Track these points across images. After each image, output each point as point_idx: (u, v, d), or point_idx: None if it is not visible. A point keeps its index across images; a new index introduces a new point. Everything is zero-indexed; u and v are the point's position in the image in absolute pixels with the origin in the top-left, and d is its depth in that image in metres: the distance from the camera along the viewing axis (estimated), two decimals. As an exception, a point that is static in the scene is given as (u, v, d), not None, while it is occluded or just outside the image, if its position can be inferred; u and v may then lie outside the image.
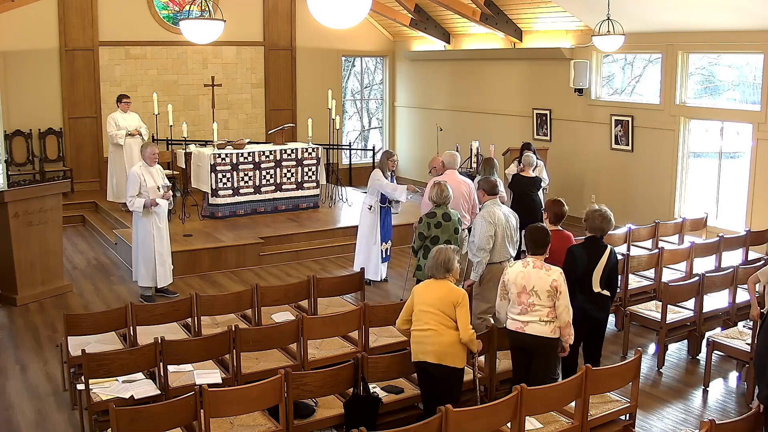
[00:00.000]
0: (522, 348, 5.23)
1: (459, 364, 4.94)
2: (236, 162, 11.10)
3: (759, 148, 9.69)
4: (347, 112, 16.73)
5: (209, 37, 9.18)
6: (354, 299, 7.64)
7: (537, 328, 5.10)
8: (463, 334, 4.85)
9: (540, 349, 5.15)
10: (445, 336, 4.87)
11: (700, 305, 6.84)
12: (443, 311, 4.87)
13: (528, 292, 5.10)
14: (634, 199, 11.39)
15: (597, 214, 5.67)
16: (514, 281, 5.17)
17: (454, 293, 4.90)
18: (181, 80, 14.01)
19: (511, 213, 6.64)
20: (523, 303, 5.12)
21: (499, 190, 6.66)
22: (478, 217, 6.52)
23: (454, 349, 4.89)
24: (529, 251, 5.25)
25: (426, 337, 4.91)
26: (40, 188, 8.55)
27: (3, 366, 6.67)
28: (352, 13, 4.63)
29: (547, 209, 6.18)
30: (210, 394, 4.31)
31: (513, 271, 5.21)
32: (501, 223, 6.41)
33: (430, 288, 4.99)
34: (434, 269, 4.96)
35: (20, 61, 12.63)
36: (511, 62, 13.39)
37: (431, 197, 6.81)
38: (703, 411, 5.90)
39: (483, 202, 6.61)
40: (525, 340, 5.15)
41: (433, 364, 4.90)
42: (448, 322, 4.87)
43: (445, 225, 6.68)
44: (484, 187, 6.59)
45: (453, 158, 8.00)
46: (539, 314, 5.09)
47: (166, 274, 8.38)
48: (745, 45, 9.79)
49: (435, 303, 4.90)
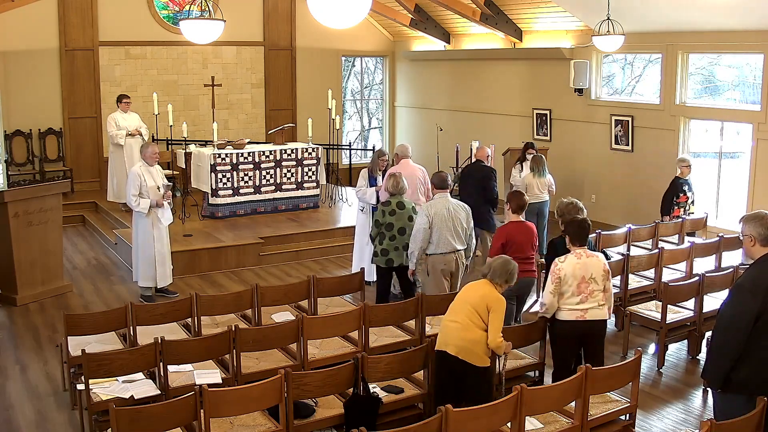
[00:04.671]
0: (576, 336, 5.44)
1: (478, 362, 4.99)
2: (236, 162, 11.10)
3: (759, 148, 9.70)
4: (347, 112, 16.74)
5: (209, 37, 9.18)
6: (354, 299, 7.64)
7: (596, 313, 5.39)
8: (491, 339, 4.95)
9: (598, 333, 5.47)
10: (469, 332, 4.97)
11: (700, 305, 6.84)
12: (476, 310, 4.99)
13: (587, 281, 5.37)
14: (634, 199, 11.39)
15: (571, 206, 6.04)
16: (572, 274, 5.36)
17: (492, 297, 5.01)
18: (181, 80, 14.02)
19: (460, 206, 6.88)
20: (584, 292, 5.36)
21: (449, 185, 6.93)
22: (420, 210, 6.91)
23: (475, 347, 4.97)
24: (576, 242, 5.46)
25: (451, 329, 5.04)
26: (40, 188, 8.55)
27: (3, 366, 6.67)
28: (352, 13, 4.63)
29: (509, 200, 6.51)
30: (210, 394, 4.31)
31: (569, 266, 5.38)
32: (441, 216, 6.68)
33: (476, 286, 5.13)
34: (497, 274, 5.07)
35: (20, 61, 12.63)
36: (511, 62, 13.39)
37: (387, 188, 7.27)
38: (703, 411, 5.89)
39: (433, 195, 6.98)
40: (582, 327, 5.39)
41: (451, 355, 5.00)
42: (477, 320, 4.98)
43: (399, 213, 7.10)
44: (434, 182, 6.97)
45: (405, 148, 8.72)
46: (597, 299, 5.39)
47: (166, 274, 8.38)
48: (745, 45, 9.80)
49: (471, 300, 5.03)
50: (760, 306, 4.03)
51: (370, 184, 8.47)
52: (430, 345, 5.21)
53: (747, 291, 4.09)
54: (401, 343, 6.12)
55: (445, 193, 6.85)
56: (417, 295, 6.34)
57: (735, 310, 4.13)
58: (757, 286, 4.06)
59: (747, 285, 4.12)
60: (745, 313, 4.04)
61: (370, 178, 8.53)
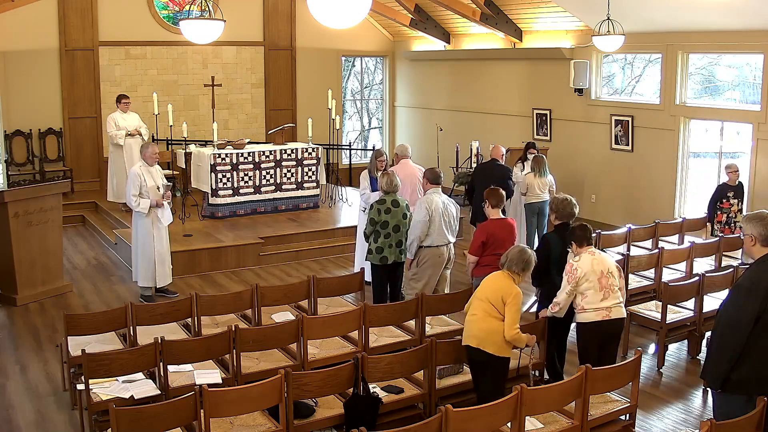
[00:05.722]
0: (602, 336, 5.47)
1: (500, 352, 5.07)
2: (236, 162, 11.10)
3: (759, 148, 9.70)
4: (347, 112, 16.73)
5: (209, 37, 9.18)
6: (354, 299, 7.64)
7: (619, 311, 5.48)
8: (507, 332, 5.04)
9: (619, 331, 5.58)
10: (485, 322, 5.07)
11: (700, 305, 6.84)
12: (491, 302, 5.08)
13: (606, 275, 5.44)
14: (634, 199, 11.40)
15: (566, 202, 6.10)
16: (592, 270, 5.41)
17: (507, 289, 5.10)
18: (181, 80, 14.01)
19: (450, 201, 7.13)
20: (605, 287, 5.43)
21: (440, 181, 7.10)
22: (418, 203, 7.07)
23: (494, 337, 5.05)
24: (584, 244, 5.53)
25: (471, 322, 5.17)
26: (40, 188, 8.55)
27: (3, 366, 6.67)
28: (352, 13, 4.62)
29: (488, 197, 6.62)
30: (210, 394, 4.31)
31: (585, 263, 5.43)
32: (438, 210, 6.88)
33: (494, 279, 5.21)
34: (514, 263, 5.16)
35: (20, 61, 12.63)
36: (511, 62, 13.39)
37: (381, 186, 7.34)
38: (703, 411, 5.90)
39: (426, 190, 7.13)
40: (608, 327, 5.44)
41: (474, 348, 5.09)
42: (492, 311, 5.07)
43: (394, 211, 7.16)
44: (428, 176, 7.13)
45: (404, 149, 8.91)
46: (617, 295, 5.47)
47: (166, 273, 8.38)
48: (745, 45, 9.80)
49: (487, 293, 5.13)
50: (759, 306, 4.03)
51: (372, 185, 8.47)
52: (431, 345, 5.22)
53: (746, 291, 4.09)
54: (401, 343, 6.12)
55: (438, 188, 7.06)
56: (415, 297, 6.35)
57: (734, 310, 4.12)
58: (756, 286, 4.06)
59: (746, 285, 4.12)
60: (745, 314, 4.04)
61: (371, 179, 8.54)
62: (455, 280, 9.04)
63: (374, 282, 7.38)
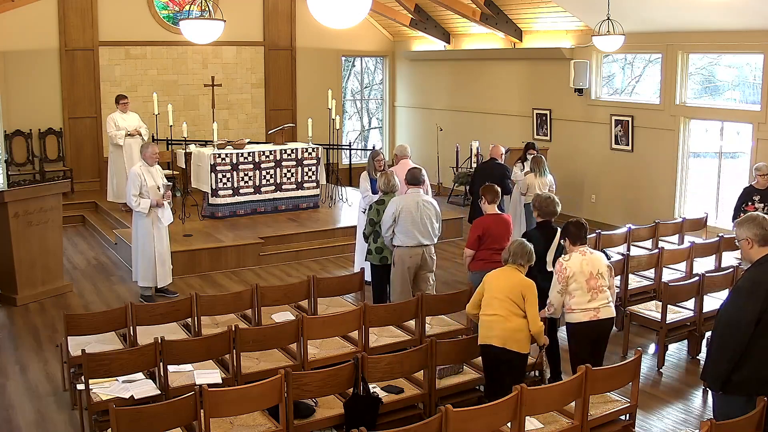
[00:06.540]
0: (592, 336, 5.47)
1: (522, 349, 5.14)
2: (236, 162, 11.10)
3: (759, 148, 9.69)
4: (347, 112, 16.73)
5: (209, 37, 9.18)
6: (354, 299, 7.64)
7: (608, 311, 5.45)
8: (533, 326, 5.12)
9: (607, 331, 5.57)
10: (510, 322, 5.10)
11: (700, 305, 6.84)
12: (512, 299, 5.11)
13: (596, 276, 5.42)
14: (634, 199, 11.40)
15: (549, 200, 6.15)
16: (580, 270, 5.40)
17: (524, 284, 5.16)
18: (181, 80, 14.01)
19: (431, 203, 7.05)
20: (593, 288, 5.40)
21: (422, 181, 7.08)
22: (390, 201, 7.05)
23: (518, 335, 5.11)
24: (577, 242, 5.52)
25: (492, 322, 5.15)
26: (40, 188, 8.55)
27: (3, 366, 6.67)
28: (352, 13, 4.62)
29: (484, 194, 6.65)
30: (210, 394, 4.31)
31: (575, 263, 5.42)
32: (408, 209, 6.83)
33: (502, 275, 5.22)
34: (519, 256, 5.21)
35: (20, 61, 12.63)
36: (511, 62, 13.39)
37: (379, 186, 7.40)
38: (703, 411, 5.90)
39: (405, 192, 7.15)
40: (596, 327, 5.44)
41: (497, 347, 5.12)
42: (515, 309, 5.11)
43: None
44: (406, 178, 7.15)
45: (404, 149, 9.05)
46: (605, 295, 5.43)
47: (166, 273, 8.38)
48: (745, 45, 9.80)
49: (504, 290, 5.14)
50: (760, 307, 4.02)
51: (372, 186, 8.46)
52: (431, 345, 5.22)
53: (747, 293, 4.09)
54: (401, 343, 6.12)
55: (417, 189, 7.02)
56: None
57: (735, 311, 4.12)
58: (757, 287, 4.06)
59: (747, 287, 4.11)
60: (745, 315, 4.04)
61: (370, 180, 8.53)
62: (455, 280, 9.07)
63: (374, 282, 7.39)
